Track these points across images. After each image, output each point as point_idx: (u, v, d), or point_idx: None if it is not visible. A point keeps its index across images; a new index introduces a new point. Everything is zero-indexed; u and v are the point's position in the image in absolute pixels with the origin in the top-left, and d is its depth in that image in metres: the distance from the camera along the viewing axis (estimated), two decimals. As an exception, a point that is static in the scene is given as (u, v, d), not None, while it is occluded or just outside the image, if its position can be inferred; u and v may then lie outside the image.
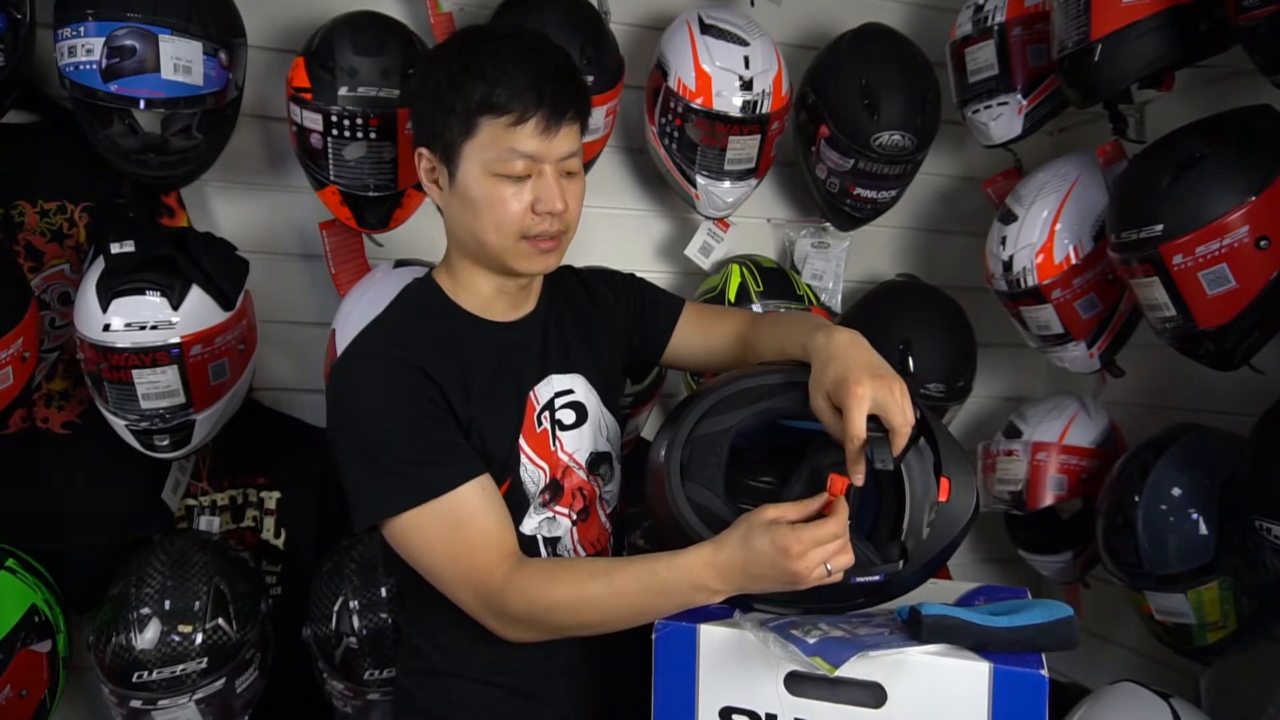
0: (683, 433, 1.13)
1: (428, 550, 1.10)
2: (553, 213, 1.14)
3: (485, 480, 1.11)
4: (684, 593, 1.04)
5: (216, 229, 1.78)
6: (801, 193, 2.14)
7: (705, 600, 1.05)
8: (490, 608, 1.09)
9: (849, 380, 1.03)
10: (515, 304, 1.24)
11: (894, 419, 1.03)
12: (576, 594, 1.08)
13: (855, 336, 1.12)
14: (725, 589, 1.04)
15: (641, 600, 1.06)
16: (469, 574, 1.09)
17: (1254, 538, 1.43)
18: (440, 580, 1.11)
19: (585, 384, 1.26)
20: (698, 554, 1.04)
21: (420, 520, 1.08)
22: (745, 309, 1.83)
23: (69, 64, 1.46)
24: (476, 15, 1.87)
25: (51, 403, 1.67)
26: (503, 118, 1.10)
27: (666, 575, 1.05)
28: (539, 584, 1.08)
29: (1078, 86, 1.63)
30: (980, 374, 2.05)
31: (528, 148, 1.11)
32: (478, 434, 1.15)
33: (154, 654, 1.47)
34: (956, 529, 1.08)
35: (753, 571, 1.01)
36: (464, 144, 1.13)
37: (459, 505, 1.08)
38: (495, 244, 1.15)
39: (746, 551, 1.01)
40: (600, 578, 1.08)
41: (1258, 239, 1.41)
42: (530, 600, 1.07)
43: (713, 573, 1.03)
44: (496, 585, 1.07)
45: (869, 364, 1.06)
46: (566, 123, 1.14)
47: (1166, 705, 1.48)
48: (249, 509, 1.79)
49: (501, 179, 1.12)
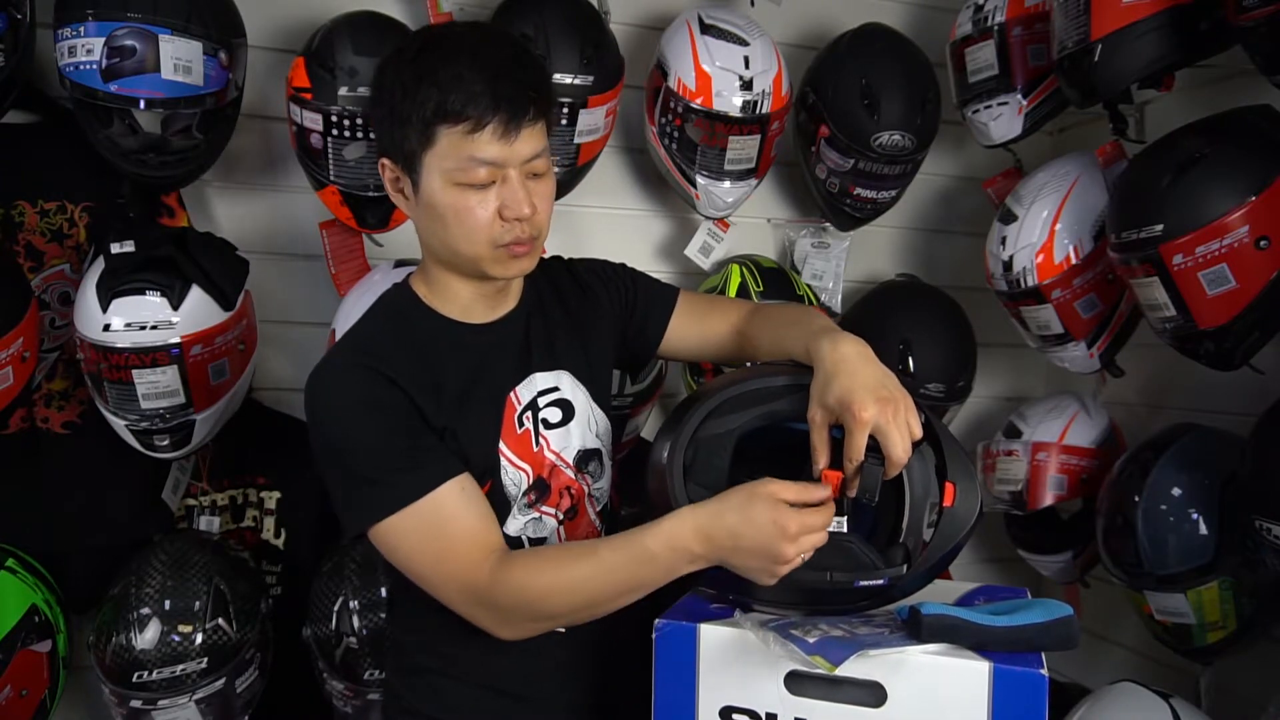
0: (686, 434, 1.13)
1: (413, 555, 1.09)
2: (521, 218, 1.11)
3: (464, 479, 1.10)
4: (668, 559, 1.03)
5: (216, 229, 1.78)
6: (801, 193, 2.14)
7: (686, 567, 1.04)
8: (482, 605, 1.08)
9: (853, 403, 1.01)
10: (494, 305, 1.22)
11: (893, 450, 1.00)
12: (565, 576, 1.07)
13: (861, 349, 1.08)
14: (705, 553, 1.02)
15: (629, 572, 1.05)
16: (456, 575, 1.08)
17: (1254, 538, 1.43)
18: (429, 584, 1.11)
19: (572, 380, 1.25)
20: (684, 516, 1.04)
21: (402, 525, 1.07)
22: (744, 300, 1.82)
23: (69, 64, 1.46)
24: (476, 15, 1.87)
25: (51, 403, 1.67)
26: (459, 125, 1.06)
27: (651, 542, 1.04)
28: (527, 572, 1.07)
29: (1078, 86, 1.63)
30: (980, 374, 2.05)
31: (488, 154, 1.07)
32: (454, 440, 1.13)
33: (154, 654, 1.47)
34: (960, 533, 1.08)
35: (741, 542, 1.00)
36: (424, 154, 1.09)
37: (439, 507, 1.08)
38: (468, 252, 1.13)
39: (742, 519, 1.00)
40: (587, 556, 1.07)
41: (1258, 239, 1.41)
42: (520, 589, 1.07)
43: (698, 536, 1.02)
44: (485, 582, 1.07)
45: (875, 384, 1.03)
46: (527, 124, 1.09)
47: (1166, 705, 1.48)
48: (249, 509, 1.79)
49: (465, 188, 1.09)
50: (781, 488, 1.01)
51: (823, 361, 1.07)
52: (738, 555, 1.01)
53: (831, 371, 1.05)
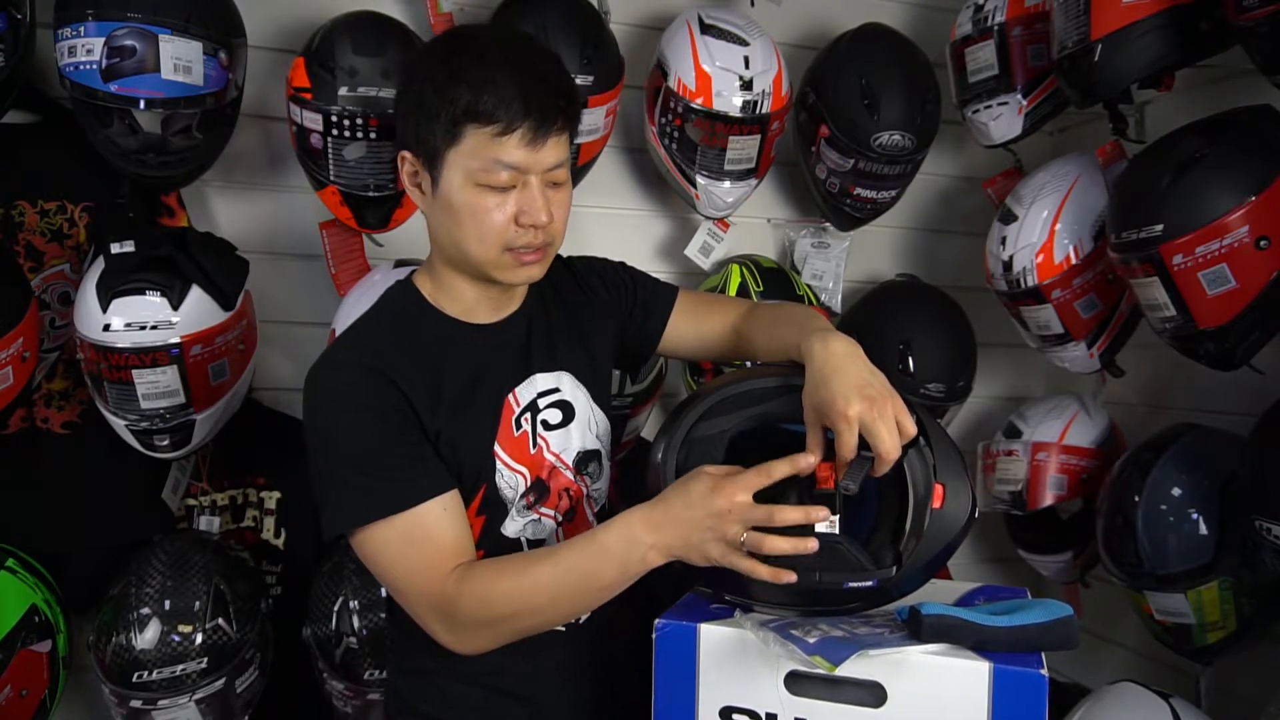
0: (680, 434, 1.14)
1: (387, 564, 1.10)
2: (537, 225, 1.11)
3: (448, 499, 1.10)
4: (621, 551, 1.04)
5: (216, 229, 1.78)
6: (801, 193, 2.14)
7: (641, 559, 1.04)
8: (443, 619, 1.08)
9: (837, 402, 1.01)
10: (498, 306, 1.22)
11: (881, 446, 1.01)
12: (524, 579, 1.07)
13: (850, 348, 1.08)
14: (658, 542, 1.03)
15: (585, 569, 1.05)
16: (423, 589, 1.08)
17: (1254, 538, 1.43)
18: (398, 593, 1.11)
19: (572, 381, 1.25)
20: (634, 510, 1.06)
21: (381, 534, 1.07)
22: (742, 298, 1.82)
23: (69, 64, 1.46)
24: (476, 15, 1.87)
25: (51, 403, 1.67)
26: (488, 127, 1.07)
27: (604, 536, 1.05)
28: (488, 579, 1.07)
29: (1078, 86, 1.63)
30: (980, 374, 2.05)
31: (513, 159, 1.08)
32: (448, 443, 1.13)
33: (154, 654, 1.47)
34: (952, 535, 1.08)
35: (683, 514, 1.02)
36: (448, 151, 1.10)
37: (419, 523, 1.08)
38: (478, 254, 1.13)
39: (679, 495, 1.03)
40: (545, 559, 1.08)
41: (1258, 239, 1.41)
42: (482, 597, 1.06)
43: (646, 525, 1.03)
44: (450, 593, 1.06)
45: (861, 382, 1.03)
46: (554, 133, 1.10)
47: (1166, 705, 1.48)
48: (249, 509, 1.79)
49: (485, 189, 1.10)
50: (714, 468, 1.04)
51: (813, 361, 1.07)
52: (684, 530, 1.02)
53: (820, 370, 1.06)
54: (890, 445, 1.01)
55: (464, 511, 1.13)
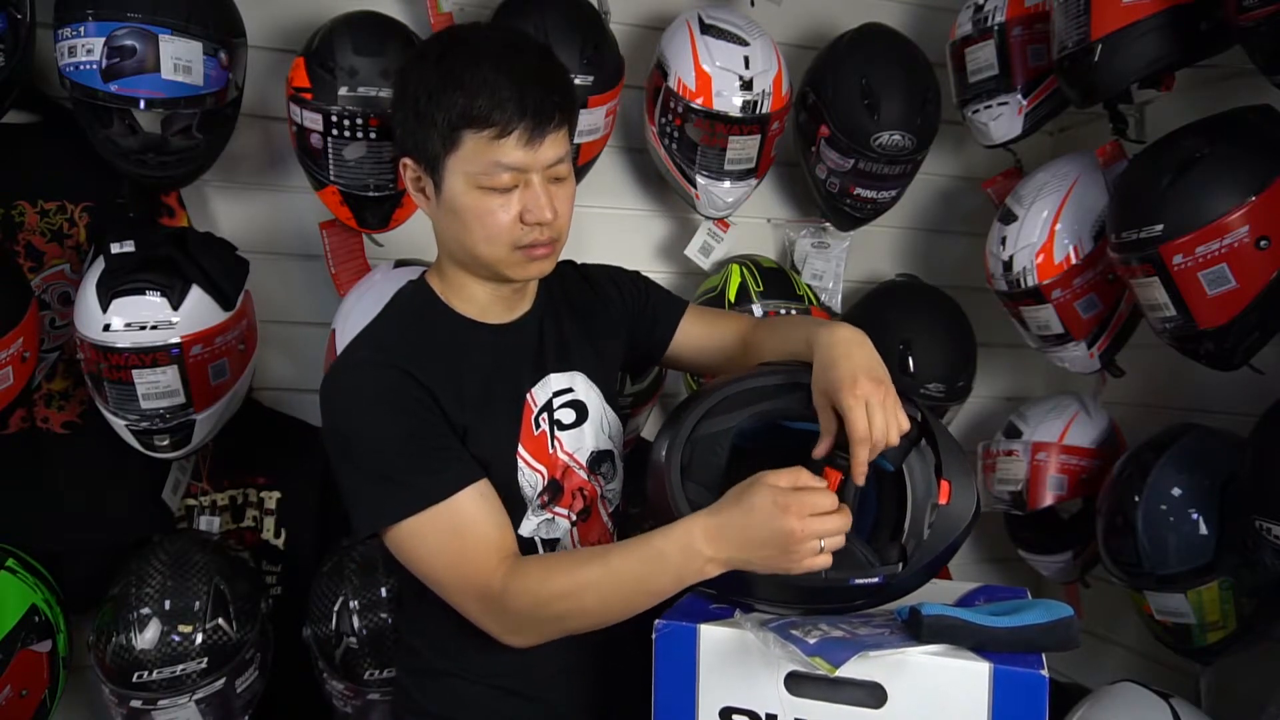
0: (683, 433, 1.14)
1: (427, 558, 1.09)
2: (542, 222, 1.12)
3: (483, 485, 1.10)
4: (678, 561, 1.03)
5: (216, 229, 1.78)
6: (801, 193, 2.14)
7: (699, 570, 1.03)
8: (493, 612, 1.08)
9: (846, 382, 1.04)
10: (510, 306, 1.23)
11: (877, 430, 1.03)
12: (575, 580, 1.06)
13: (857, 335, 1.12)
14: (718, 555, 1.02)
15: (639, 575, 1.04)
16: (471, 579, 1.08)
17: (1254, 538, 1.43)
18: (442, 587, 1.10)
19: (586, 381, 1.25)
20: (693, 519, 1.04)
21: (419, 528, 1.07)
22: (746, 313, 1.83)
23: (69, 64, 1.46)
24: (476, 15, 1.87)
25: (51, 403, 1.67)
26: (485, 131, 1.07)
27: (661, 543, 1.04)
28: (538, 577, 1.07)
29: (1078, 86, 1.63)
30: (980, 374, 2.05)
31: (513, 160, 1.08)
32: (474, 440, 1.13)
33: (154, 654, 1.47)
34: (956, 531, 1.08)
35: (748, 532, 1.00)
36: (447, 157, 1.10)
37: (457, 512, 1.07)
38: (487, 255, 1.14)
39: (741, 510, 1.01)
40: (597, 559, 1.07)
41: (1258, 239, 1.41)
42: (531, 594, 1.06)
43: (706, 536, 1.02)
44: (498, 588, 1.06)
45: (869, 365, 1.07)
46: (552, 130, 1.10)
47: (1166, 705, 1.48)
48: (249, 509, 1.79)
49: (488, 191, 1.10)
50: (774, 475, 1.01)
51: (820, 347, 1.10)
52: (749, 548, 1.01)
53: (828, 355, 1.08)
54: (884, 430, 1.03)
55: (498, 499, 1.12)
